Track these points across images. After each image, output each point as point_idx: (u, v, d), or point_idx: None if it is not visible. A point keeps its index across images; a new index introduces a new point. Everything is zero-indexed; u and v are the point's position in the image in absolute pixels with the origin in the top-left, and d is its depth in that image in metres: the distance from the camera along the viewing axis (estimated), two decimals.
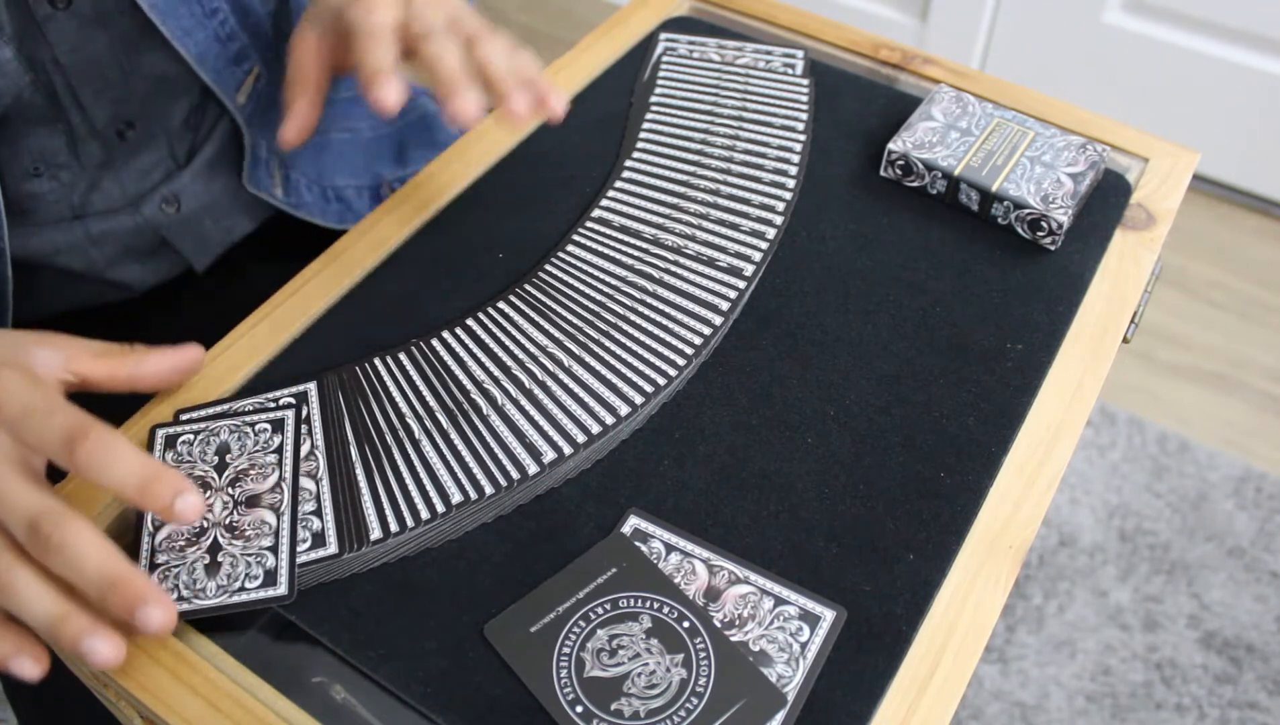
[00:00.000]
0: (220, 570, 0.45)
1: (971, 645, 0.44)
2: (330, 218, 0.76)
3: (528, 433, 0.50)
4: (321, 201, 0.76)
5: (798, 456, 0.50)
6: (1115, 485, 1.29)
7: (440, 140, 0.82)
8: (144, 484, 0.40)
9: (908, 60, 0.70)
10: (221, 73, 0.65)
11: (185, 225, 0.71)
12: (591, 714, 0.41)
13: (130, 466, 0.40)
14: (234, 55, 0.66)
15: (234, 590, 0.44)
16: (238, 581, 0.45)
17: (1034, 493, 0.49)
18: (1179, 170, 0.63)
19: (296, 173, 0.74)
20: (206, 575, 0.45)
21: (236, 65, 0.66)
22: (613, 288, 0.57)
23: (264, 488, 0.48)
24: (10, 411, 0.41)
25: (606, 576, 0.45)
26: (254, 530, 0.46)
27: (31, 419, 0.41)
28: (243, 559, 0.45)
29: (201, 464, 0.48)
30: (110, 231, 0.68)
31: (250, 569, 0.45)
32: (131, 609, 0.39)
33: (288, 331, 0.55)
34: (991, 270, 0.58)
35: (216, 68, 0.64)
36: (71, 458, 0.40)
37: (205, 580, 0.45)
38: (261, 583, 0.45)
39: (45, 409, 0.41)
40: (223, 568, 0.45)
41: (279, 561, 0.45)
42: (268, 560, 0.45)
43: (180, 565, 0.45)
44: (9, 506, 0.40)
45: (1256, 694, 1.13)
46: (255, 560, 0.45)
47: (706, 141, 0.65)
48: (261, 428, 0.50)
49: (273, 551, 0.46)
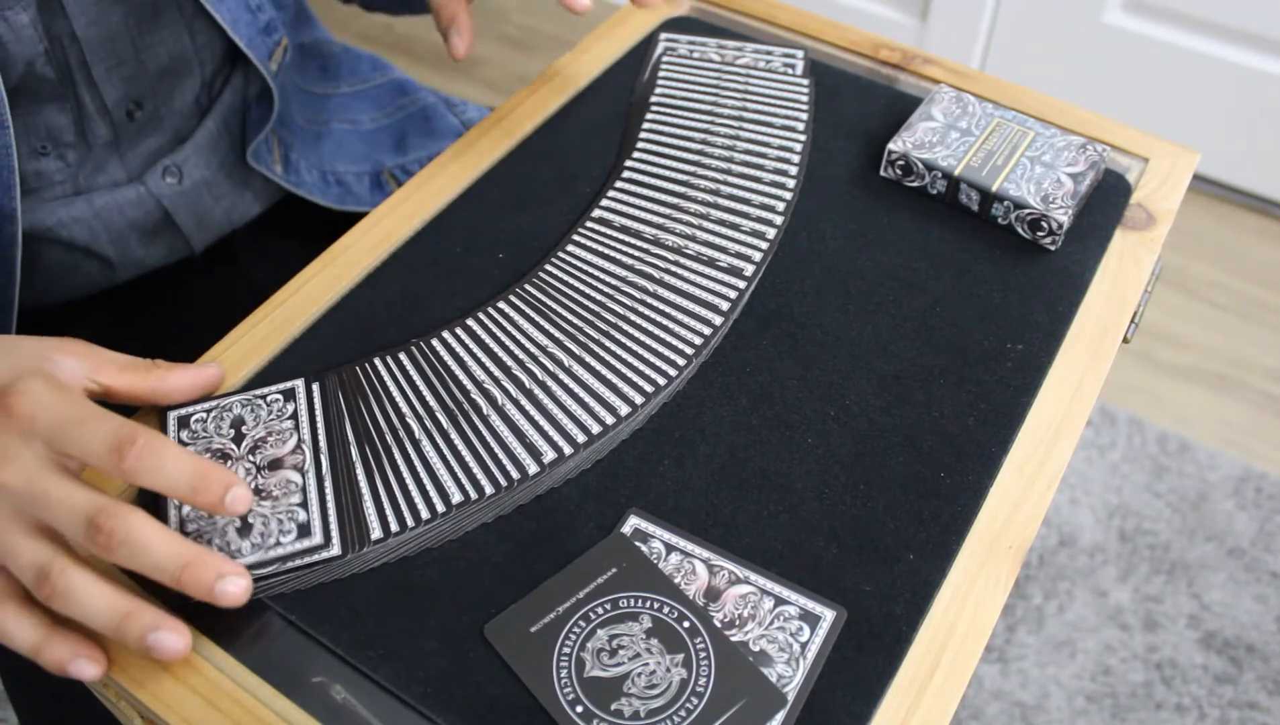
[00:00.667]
0: (254, 530, 0.46)
1: (971, 645, 0.44)
2: (330, 198, 0.77)
3: (528, 433, 0.50)
4: (321, 183, 0.77)
5: (798, 456, 0.50)
6: (1115, 485, 1.29)
7: (439, 130, 0.82)
8: (195, 483, 0.41)
9: (908, 60, 0.70)
10: (254, 40, 0.67)
11: (186, 199, 0.71)
12: (591, 714, 0.41)
13: (180, 467, 0.41)
14: (264, 26, 0.68)
15: (270, 546, 0.45)
16: (272, 537, 0.45)
17: (1034, 493, 0.49)
18: (1179, 170, 0.63)
19: (297, 155, 0.75)
20: (240, 537, 0.45)
21: (267, 35, 0.68)
22: (613, 288, 0.57)
23: (285, 451, 0.49)
24: (45, 421, 0.42)
25: (606, 576, 0.45)
26: (281, 490, 0.47)
27: (70, 429, 0.42)
28: (274, 517, 0.46)
29: (219, 438, 0.49)
30: (113, 203, 0.68)
31: (283, 525, 0.46)
32: (210, 584, 0.41)
33: (288, 331, 0.55)
34: (991, 270, 0.58)
35: (249, 35, 0.66)
36: (120, 464, 0.41)
37: (239, 541, 0.45)
38: (296, 535, 0.46)
39: (81, 418, 0.42)
40: (254, 528, 0.46)
41: (310, 515, 0.46)
42: (299, 515, 0.46)
43: (212, 531, 0.46)
44: (65, 509, 0.41)
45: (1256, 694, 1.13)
46: (287, 516, 0.46)
47: (706, 141, 0.65)
48: (274, 398, 0.51)
49: (303, 507, 0.46)
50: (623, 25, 0.72)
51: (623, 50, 0.71)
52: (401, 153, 0.80)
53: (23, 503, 0.41)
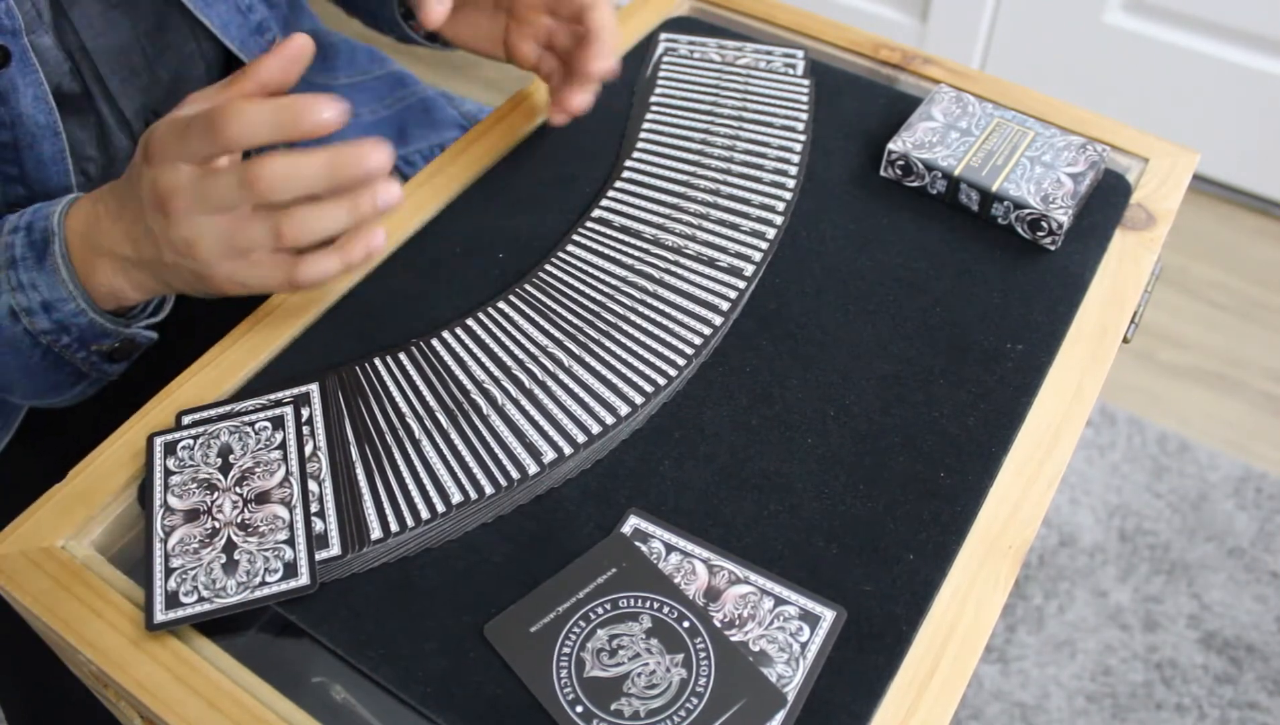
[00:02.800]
0: (239, 568, 0.45)
1: (971, 645, 0.44)
2: None
3: (528, 433, 0.50)
4: None
5: (798, 456, 0.50)
6: (1115, 485, 1.29)
7: (439, 121, 0.82)
8: (333, 167, 0.46)
9: (908, 60, 0.70)
10: (246, 42, 0.67)
11: None
12: (591, 714, 0.41)
13: (314, 164, 0.46)
14: (255, 26, 0.68)
15: (255, 586, 0.44)
16: (258, 577, 0.45)
17: (1034, 493, 0.49)
18: (1179, 170, 0.63)
19: None
20: (225, 574, 0.45)
21: (260, 35, 0.68)
22: (613, 288, 0.57)
23: (272, 483, 0.48)
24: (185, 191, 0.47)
25: (606, 576, 0.45)
26: (268, 526, 0.46)
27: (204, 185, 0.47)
28: (260, 554, 0.45)
29: (205, 467, 0.48)
30: None
31: (269, 563, 0.45)
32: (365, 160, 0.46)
33: (288, 331, 0.55)
34: (991, 270, 0.58)
35: (240, 37, 0.67)
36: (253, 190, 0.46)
37: (225, 579, 0.45)
38: (282, 575, 0.45)
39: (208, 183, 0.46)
40: (240, 565, 0.45)
41: (297, 553, 0.45)
42: (285, 553, 0.45)
43: (197, 567, 0.45)
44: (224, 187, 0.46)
45: (1256, 694, 1.13)
46: (273, 554, 0.45)
47: (706, 141, 0.65)
48: (261, 426, 0.50)
49: (289, 544, 0.46)
50: (623, 25, 0.72)
51: (623, 50, 0.71)
52: (403, 144, 0.80)
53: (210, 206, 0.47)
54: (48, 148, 0.58)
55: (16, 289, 0.52)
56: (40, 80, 0.56)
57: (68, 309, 0.52)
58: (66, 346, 0.54)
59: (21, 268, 0.52)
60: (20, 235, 0.53)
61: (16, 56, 0.55)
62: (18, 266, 0.52)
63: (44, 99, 0.57)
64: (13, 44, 0.55)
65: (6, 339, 0.53)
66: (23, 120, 0.57)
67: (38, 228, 0.52)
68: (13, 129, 0.57)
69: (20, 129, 0.57)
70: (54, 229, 0.52)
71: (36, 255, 0.52)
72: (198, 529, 0.46)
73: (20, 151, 0.58)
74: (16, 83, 0.55)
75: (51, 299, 0.52)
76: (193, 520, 0.46)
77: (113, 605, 0.45)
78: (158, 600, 0.44)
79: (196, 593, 0.44)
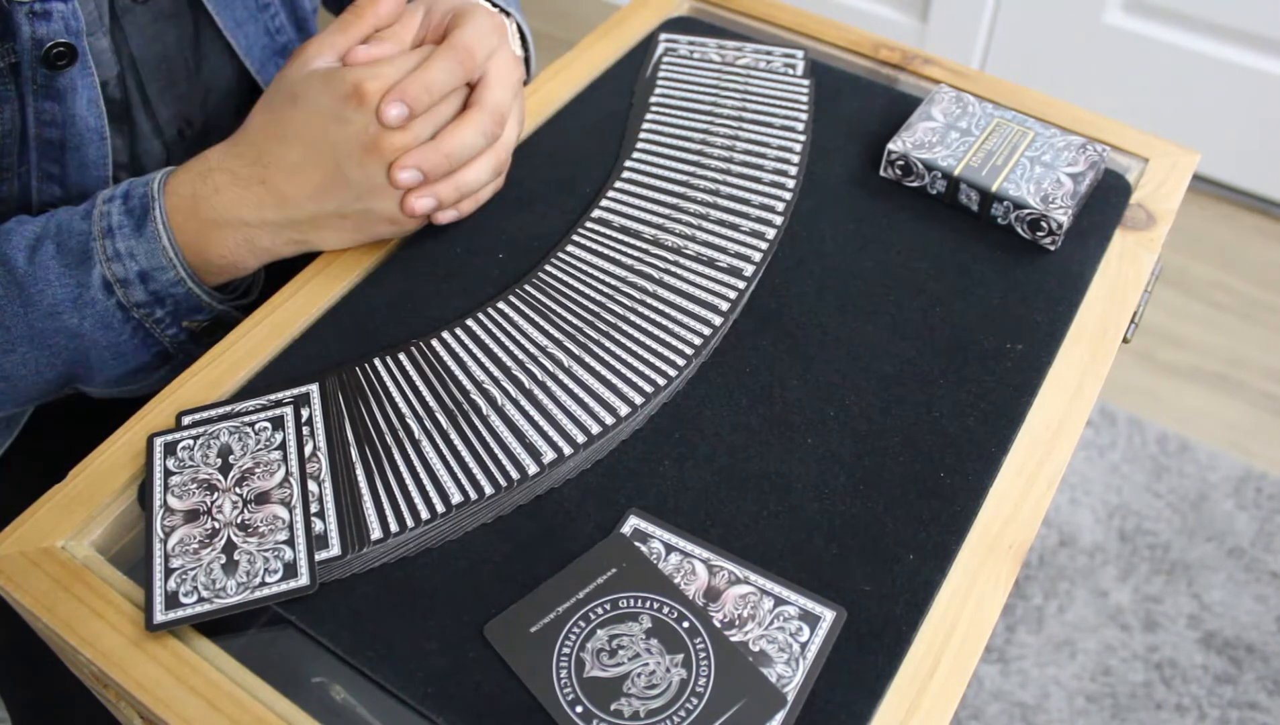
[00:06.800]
0: (239, 568, 0.45)
1: (971, 645, 0.44)
2: None
3: (527, 433, 0.50)
4: None
5: (798, 456, 0.50)
6: (1115, 485, 1.29)
7: None
8: None
9: (908, 60, 0.70)
10: (265, 64, 0.67)
11: None
12: (591, 714, 0.41)
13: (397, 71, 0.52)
14: (280, 48, 0.68)
15: (255, 586, 0.44)
16: (258, 577, 0.45)
17: (1034, 493, 0.49)
18: (1179, 170, 0.63)
19: None
20: (225, 574, 0.45)
21: (280, 58, 0.69)
22: (613, 288, 0.57)
23: (272, 484, 0.48)
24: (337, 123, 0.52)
25: (606, 577, 0.45)
26: (267, 526, 0.46)
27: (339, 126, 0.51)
28: (260, 555, 0.45)
29: (205, 468, 0.48)
30: None
31: (269, 564, 0.45)
32: None
33: (288, 331, 0.55)
34: (991, 270, 0.58)
35: (262, 59, 0.67)
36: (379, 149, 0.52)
37: (225, 579, 0.45)
38: (282, 575, 0.45)
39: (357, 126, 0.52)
40: (240, 565, 0.45)
41: (296, 553, 0.45)
42: (285, 553, 0.45)
43: (197, 568, 0.45)
44: None
45: (1256, 694, 1.13)
46: (273, 554, 0.45)
47: (706, 141, 0.65)
48: (261, 426, 0.50)
49: (289, 544, 0.46)
50: (623, 25, 0.72)
51: (623, 50, 0.71)
52: None
53: None
54: (93, 151, 0.58)
55: (113, 259, 0.51)
56: (95, 83, 0.56)
57: (165, 279, 0.52)
58: (159, 321, 0.53)
59: (119, 236, 0.51)
60: (117, 203, 0.52)
61: (80, 57, 0.55)
62: (114, 235, 0.51)
63: (96, 101, 0.57)
64: (77, 44, 0.54)
65: (98, 314, 0.52)
66: (74, 121, 0.56)
67: (135, 195, 0.52)
68: (63, 128, 0.56)
69: (70, 129, 0.57)
70: (154, 194, 0.51)
71: (135, 222, 0.51)
72: (198, 529, 0.46)
73: (65, 152, 0.57)
74: (76, 83, 0.55)
75: (149, 268, 0.52)
76: (193, 520, 0.46)
77: (113, 605, 0.45)
78: (158, 600, 0.44)
79: (196, 593, 0.44)
